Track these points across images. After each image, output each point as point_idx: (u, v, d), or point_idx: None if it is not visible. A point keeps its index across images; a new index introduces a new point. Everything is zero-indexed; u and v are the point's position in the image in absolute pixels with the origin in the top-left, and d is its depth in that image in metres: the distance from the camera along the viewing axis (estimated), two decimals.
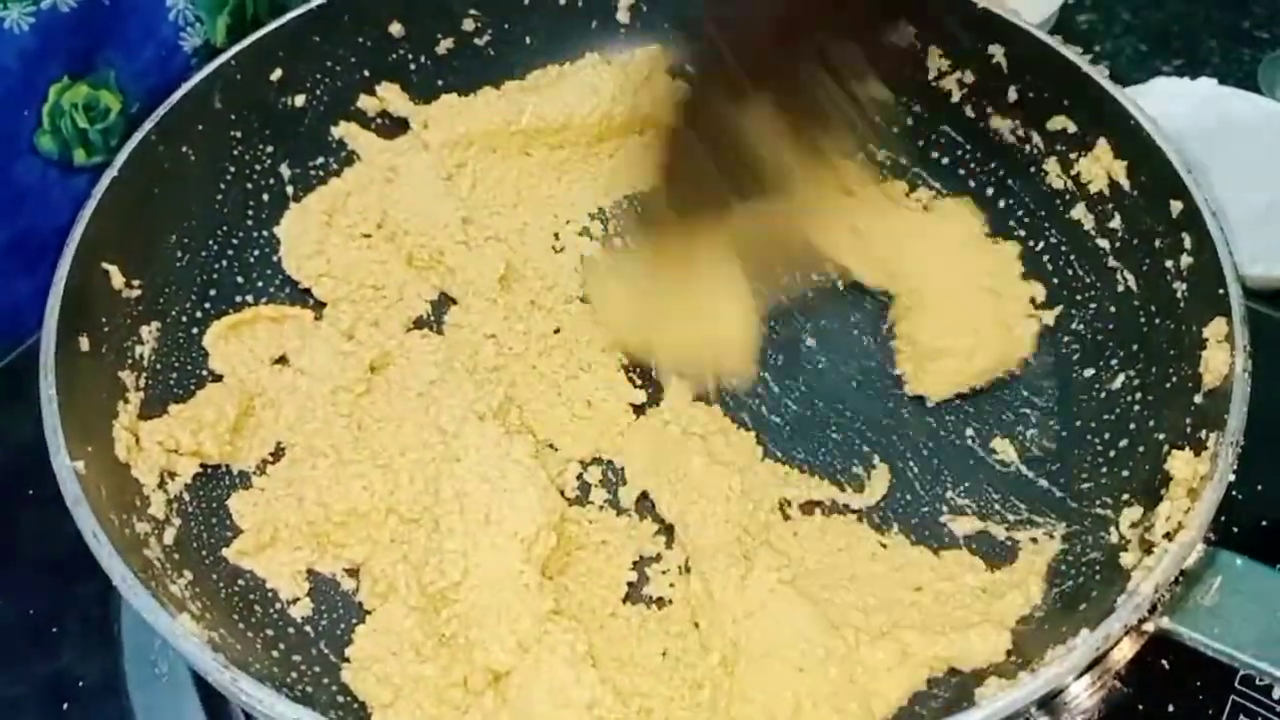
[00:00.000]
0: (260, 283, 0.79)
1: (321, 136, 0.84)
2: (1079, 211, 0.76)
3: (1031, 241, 0.79)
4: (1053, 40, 0.76)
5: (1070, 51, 0.75)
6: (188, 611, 0.55)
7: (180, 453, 0.67)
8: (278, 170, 0.82)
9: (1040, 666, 0.52)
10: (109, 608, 0.68)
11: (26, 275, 0.79)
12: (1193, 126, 0.84)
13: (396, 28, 0.85)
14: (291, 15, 0.80)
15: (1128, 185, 0.73)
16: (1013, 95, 0.79)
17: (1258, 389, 0.59)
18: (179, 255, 0.75)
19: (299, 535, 0.66)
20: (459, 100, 0.86)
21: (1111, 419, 0.70)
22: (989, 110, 0.81)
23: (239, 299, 0.78)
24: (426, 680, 0.59)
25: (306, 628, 0.64)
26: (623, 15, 0.91)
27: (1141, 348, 0.70)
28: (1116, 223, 0.74)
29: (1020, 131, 0.80)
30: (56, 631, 0.68)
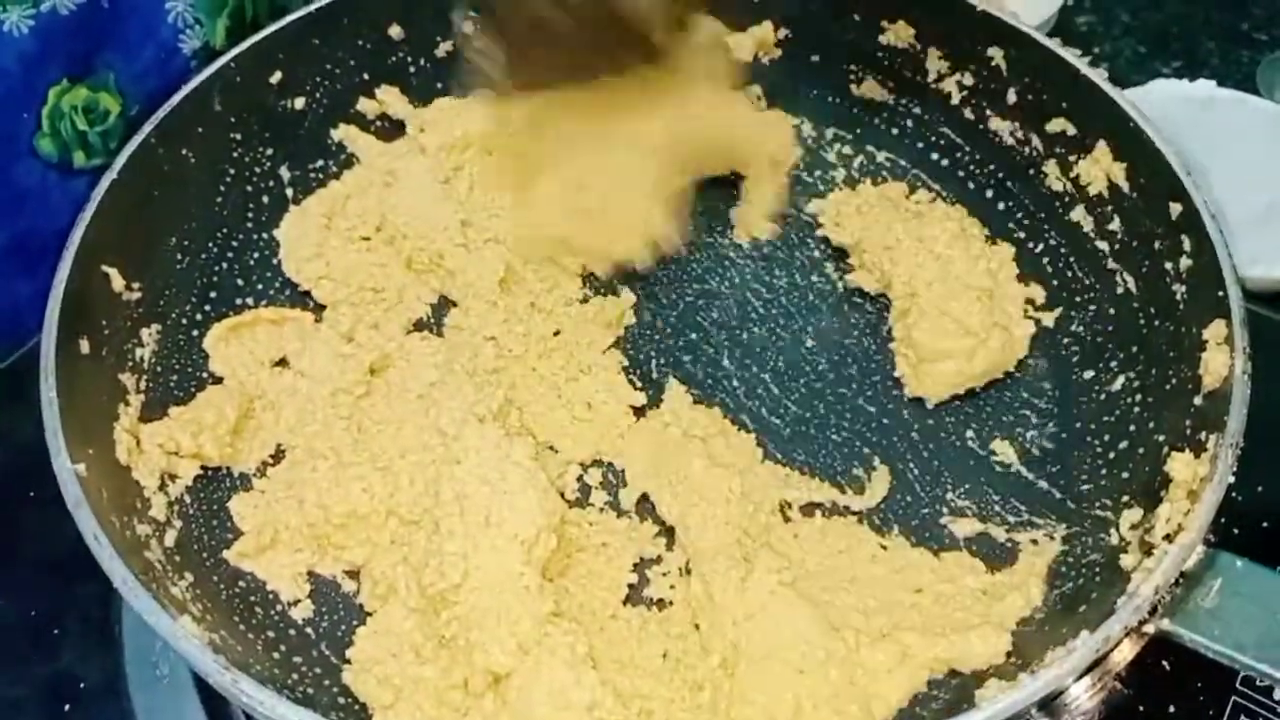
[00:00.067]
0: (260, 285, 0.79)
1: (321, 139, 0.84)
2: (1078, 213, 0.77)
3: (1031, 243, 0.79)
4: (1052, 42, 0.76)
5: (1069, 53, 0.75)
6: (189, 613, 0.55)
7: (181, 455, 0.67)
8: (277, 172, 0.82)
9: (1040, 668, 0.52)
10: (110, 609, 0.68)
11: (26, 277, 0.79)
12: (1192, 128, 0.84)
13: (396, 30, 0.85)
14: (291, 18, 0.80)
15: (1127, 187, 0.73)
16: (1012, 97, 0.79)
17: (1257, 391, 0.59)
18: (179, 258, 0.75)
19: (299, 537, 0.66)
20: (454, 103, 0.86)
21: (1111, 421, 0.70)
22: (988, 112, 0.81)
23: (239, 301, 0.78)
24: (427, 682, 0.59)
25: (307, 629, 0.64)
26: None
27: (1141, 350, 0.70)
28: (1116, 225, 0.74)
29: (1020, 133, 0.80)
30: (58, 633, 0.68)
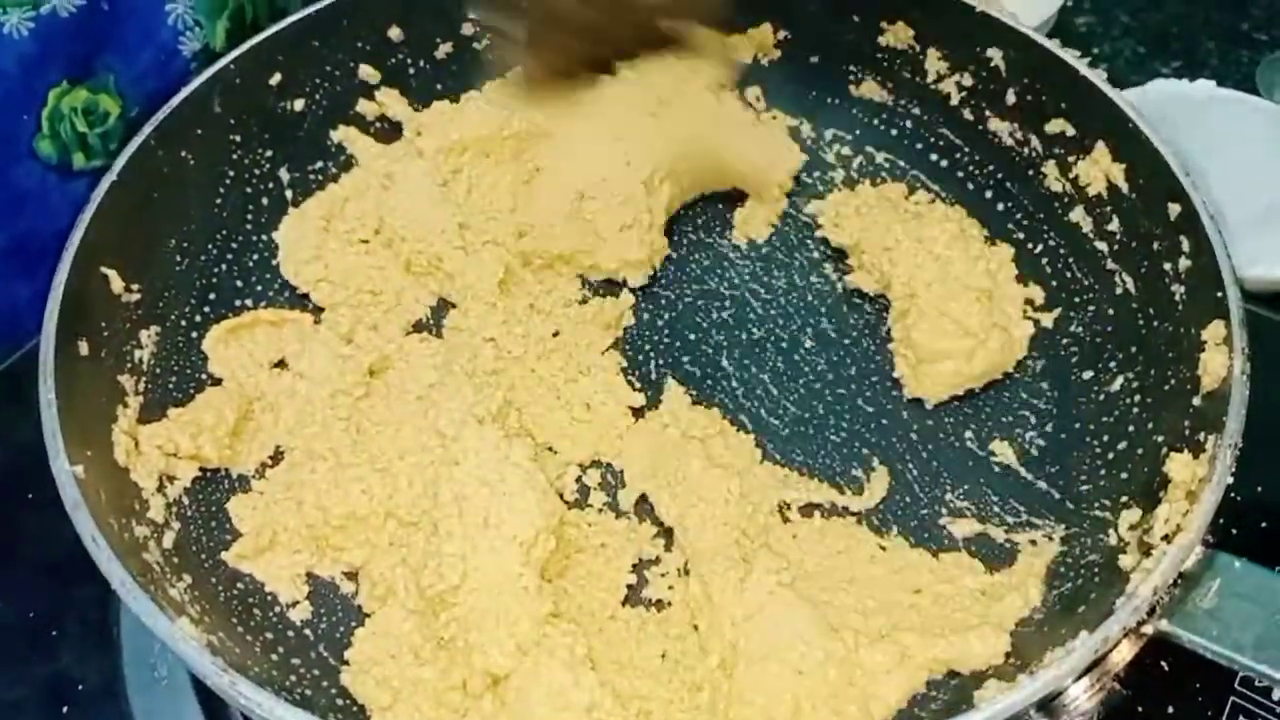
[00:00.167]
0: (259, 287, 0.79)
1: (320, 141, 0.84)
2: (1077, 214, 0.77)
3: (1030, 244, 0.79)
4: (1051, 43, 0.76)
5: (1069, 54, 0.75)
6: (187, 615, 0.56)
7: (179, 456, 0.67)
8: (277, 174, 0.82)
9: (1039, 669, 0.52)
10: (108, 611, 0.68)
11: (26, 279, 0.79)
12: (1191, 129, 0.84)
13: (395, 32, 0.85)
14: (291, 19, 0.80)
15: (1126, 188, 0.73)
16: (1011, 98, 0.79)
17: (1256, 391, 0.59)
18: (178, 259, 0.75)
19: (298, 539, 0.66)
20: (451, 107, 0.86)
21: (1110, 421, 0.70)
22: (988, 113, 0.81)
23: (238, 303, 0.78)
24: (425, 683, 0.59)
25: (306, 631, 0.64)
26: None
27: (1140, 350, 0.70)
28: (1115, 225, 0.74)
29: (1019, 134, 0.80)
30: (56, 634, 0.68)
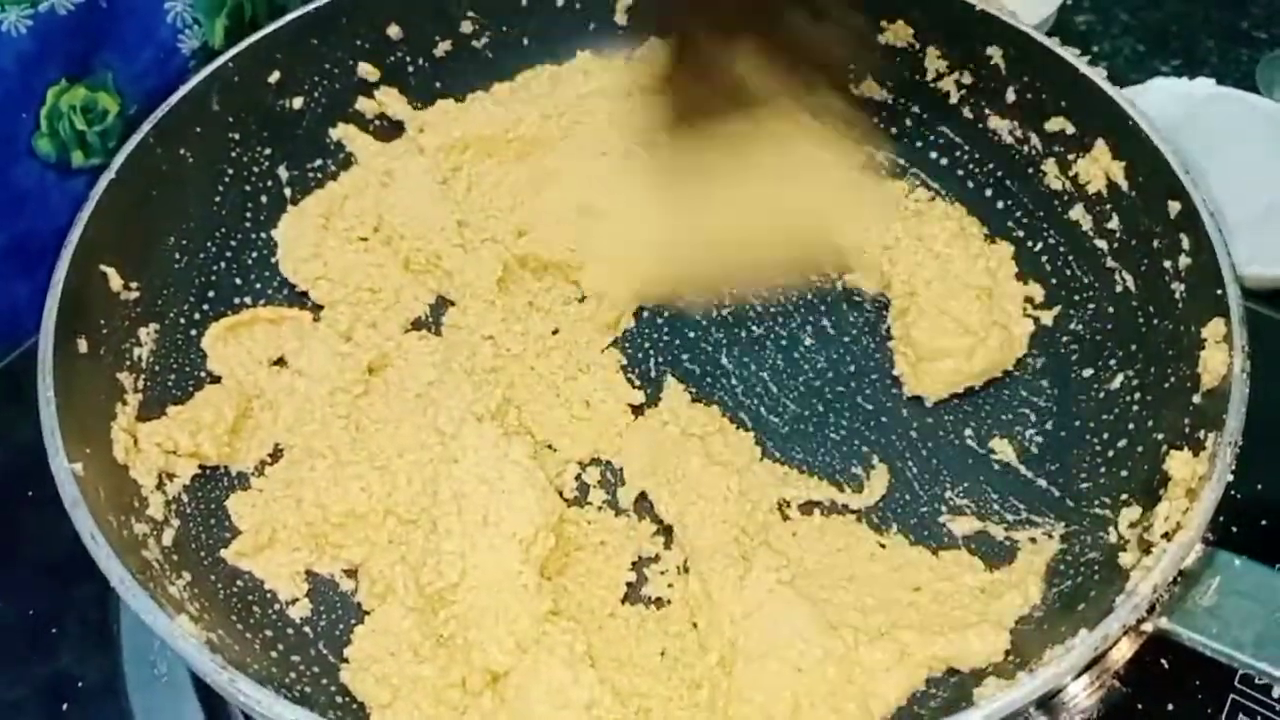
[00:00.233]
0: (258, 284, 0.79)
1: (319, 139, 0.84)
2: (1077, 212, 0.76)
3: (1030, 242, 0.79)
4: (1051, 41, 0.76)
5: (1068, 52, 0.75)
6: (186, 613, 0.55)
7: (179, 454, 0.67)
8: (275, 172, 0.82)
9: (1039, 666, 0.52)
10: (108, 609, 0.68)
11: (25, 278, 0.79)
12: (1191, 127, 0.84)
13: (394, 30, 0.85)
14: (289, 17, 0.80)
15: (1126, 186, 0.73)
16: (1011, 96, 0.79)
17: (1256, 389, 0.59)
18: (177, 257, 0.75)
19: (297, 536, 0.66)
20: (455, 106, 0.86)
21: (1110, 419, 0.70)
22: (987, 111, 0.81)
23: (237, 301, 0.78)
24: (425, 681, 0.59)
25: (305, 628, 0.64)
26: (620, 17, 0.91)
27: (1140, 348, 0.70)
28: (1114, 223, 0.74)
29: (1018, 132, 0.80)
30: (56, 633, 0.68)
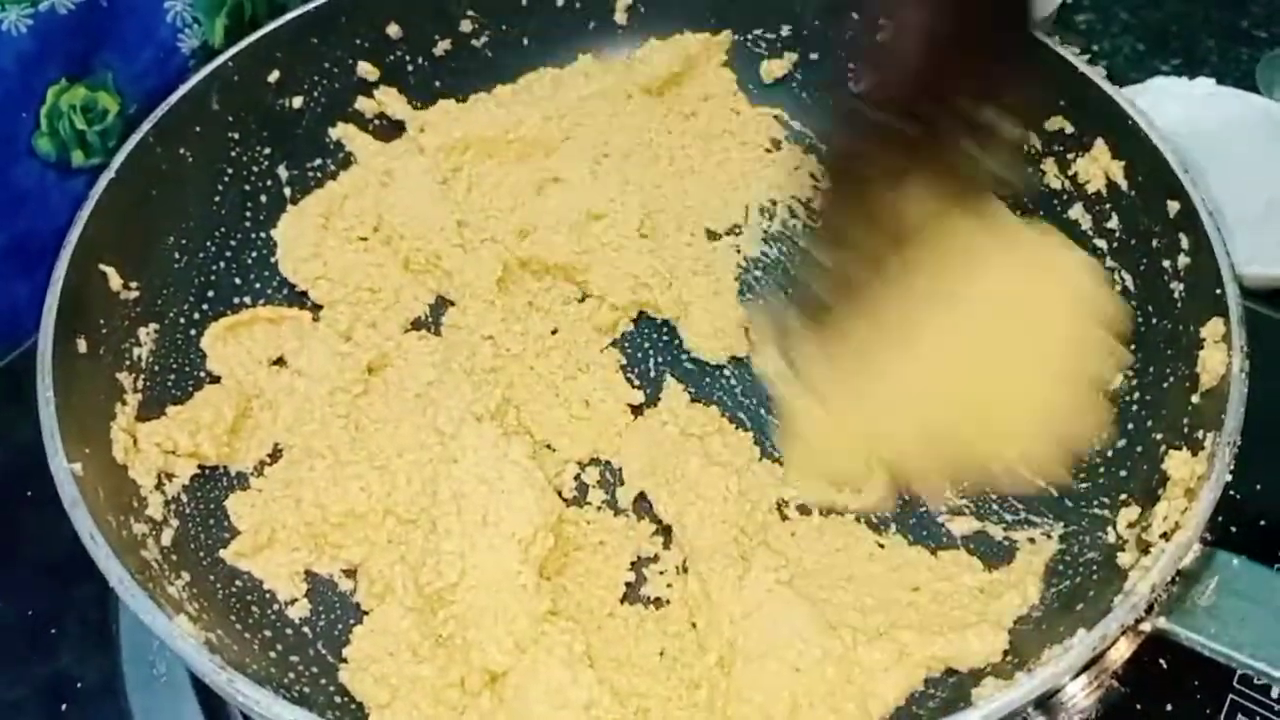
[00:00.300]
0: (258, 284, 0.79)
1: (319, 138, 0.84)
2: (1076, 211, 0.76)
3: None
4: (1050, 40, 0.76)
5: (1068, 51, 0.75)
6: (185, 613, 0.55)
7: (178, 454, 0.67)
8: (275, 172, 0.82)
9: (1037, 667, 0.52)
10: (107, 609, 0.68)
11: (24, 277, 0.79)
12: (1190, 126, 0.84)
13: (394, 29, 0.85)
14: (289, 16, 0.80)
15: (1125, 185, 0.73)
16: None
17: (1255, 389, 0.59)
18: (177, 257, 0.75)
19: (297, 536, 0.66)
20: (457, 106, 0.86)
21: (1109, 419, 0.69)
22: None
23: (237, 300, 0.78)
24: (424, 681, 0.59)
25: (304, 628, 0.64)
26: (620, 17, 0.91)
27: (1139, 347, 0.70)
28: (1114, 223, 0.74)
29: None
30: (55, 633, 0.68)
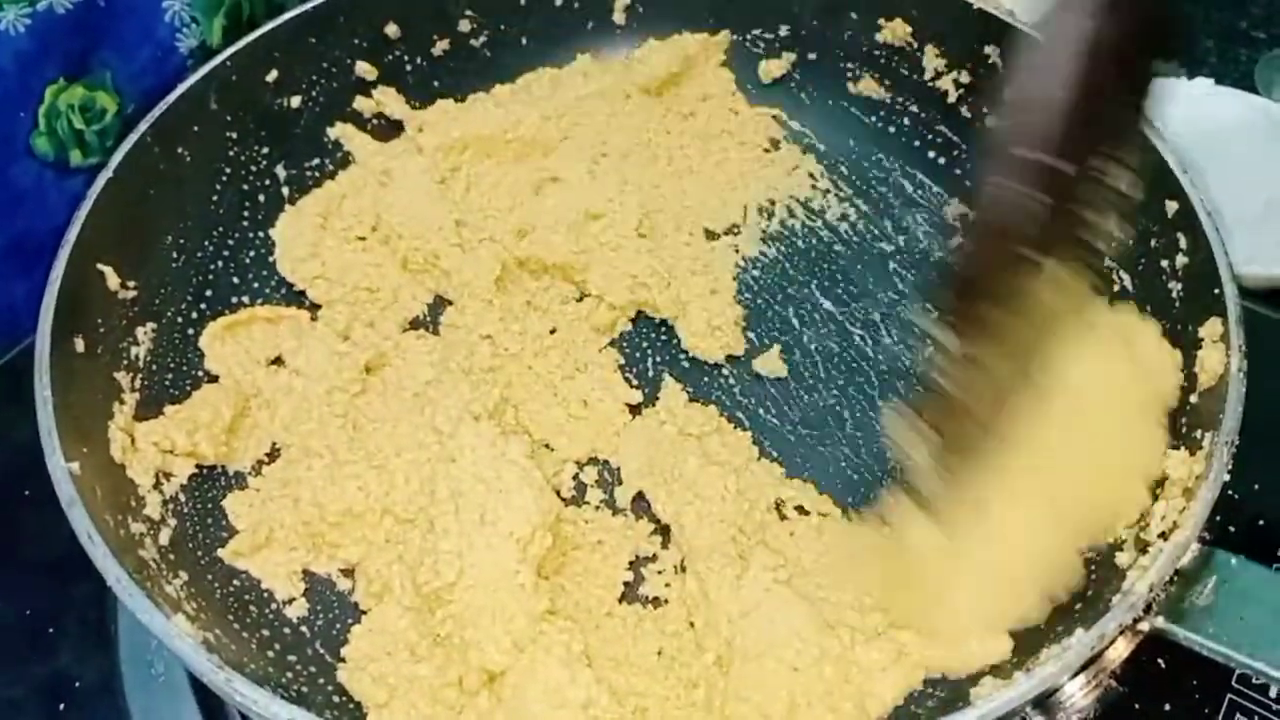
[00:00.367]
0: (256, 284, 0.79)
1: (317, 138, 0.84)
2: None
3: None
4: None
5: None
6: (183, 612, 0.55)
7: (176, 453, 0.67)
8: (273, 171, 0.82)
9: (1035, 666, 0.52)
10: (106, 609, 0.68)
11: (23, 277, 0.79)
12: (1189, 126, 0.84)
13: (392, 29, 0.85)
14: (287, 16, 0.80)
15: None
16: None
17: (1253, 388, 0.59)
18: (174, 256, 0.75)
19: (294, 536, 0.66)
20: (455, 105, 0.86)
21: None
22: (985, 110, 0.81)
23: (235, 300, 0.78)
24: (421, 680, 0.59)
25: (302, 628, 0.64)
26: (618, 16, 0.91)
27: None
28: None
29: None
30: (53, 632, 0.68)
